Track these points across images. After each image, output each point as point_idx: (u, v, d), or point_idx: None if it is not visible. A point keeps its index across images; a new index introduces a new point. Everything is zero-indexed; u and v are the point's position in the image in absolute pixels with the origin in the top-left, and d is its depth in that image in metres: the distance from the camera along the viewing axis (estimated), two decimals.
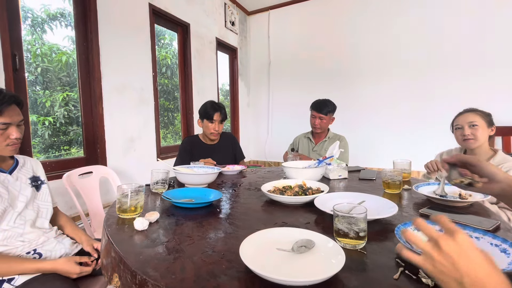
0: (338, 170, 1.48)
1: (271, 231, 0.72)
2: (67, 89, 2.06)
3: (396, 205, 0.88)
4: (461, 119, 1.41)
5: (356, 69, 3.59)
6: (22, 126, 1.03)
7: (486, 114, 1.39)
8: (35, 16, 1.86)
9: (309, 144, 2.31)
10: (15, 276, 0.94)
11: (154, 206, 1.05)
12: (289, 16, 4.00)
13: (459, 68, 3.04)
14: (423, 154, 2.33)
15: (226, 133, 2.15)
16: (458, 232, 0.42)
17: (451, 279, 0.41)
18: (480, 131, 1.35)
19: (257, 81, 4.38)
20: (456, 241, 0.42)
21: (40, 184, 1.15)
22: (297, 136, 2.45)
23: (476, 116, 1.37)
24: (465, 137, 1.38)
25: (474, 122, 1.36)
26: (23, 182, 1.08)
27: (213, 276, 0.56)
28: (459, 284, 0.40)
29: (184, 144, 1.99)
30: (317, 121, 2.18)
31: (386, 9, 3.37)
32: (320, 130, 2.22)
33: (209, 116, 1.90)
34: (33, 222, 1.06)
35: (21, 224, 1.01)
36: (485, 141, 1.38)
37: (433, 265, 0.43)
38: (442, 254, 0.42)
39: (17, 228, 1.00)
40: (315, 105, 2.20)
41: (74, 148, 2.11)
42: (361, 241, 0.67)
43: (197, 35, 3.20)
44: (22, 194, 1.05)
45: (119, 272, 0.65)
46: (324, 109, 2.15)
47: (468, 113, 1.40)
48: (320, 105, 2.17)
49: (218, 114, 1.90)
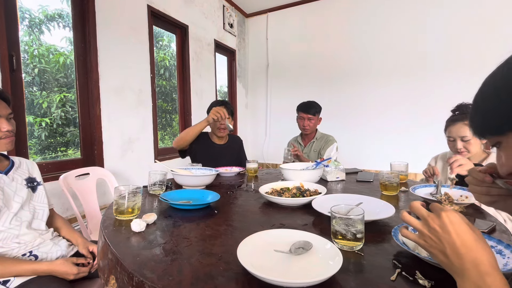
0: (335, 172, 1.48)
1: (269, 233, 0.72)
2: (64, 90, 2.05)
3: (393, 206, 0.89)
4: (453, 131, 1.39)
5: (354, 71, 3.61)
6: (12, 121, 1.03)
7: None
8: (32, 16, 1.86)
9: (299, 147, 2.34)
10: (10, 279, 0.93)
11: (151, 207, 1.05)
12: (288, 18, 4.02)
13: (456, 70, 3.06)
14: (420, 156, 2.35)
15: (235, 136, 2.15)
16: (443, 211, 0.48)
17: (438, 251, 0.47)
18: (472, 144, 1.35)
19: (255, 83, 4.39)
20: (440, 217, 0.48)
21: (36, 185, 1.14)
22: (290, 140, 2.49)
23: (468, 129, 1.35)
24: (458, 150, 1.39)
25: (466, 137, 1.34)
26: (19, 183, 1.07)
27: (210, 277, 0.56)
28: (443, 255, 0.46)
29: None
30: (306, 122, 2.22)
31: (383, 11, 3.40)
32: (310, 131, 2.25)
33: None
34: (29, 224, 1.05)
35: (17, 226, 1.01)
36: (478, 149, 1.39)
37: (425, 240, 0.50)
38: (430, 229, 0.49)
39: (13, 230, 0.99)
40: (302, 107, 2.24)
41: (71, 150, 2.10)
42: (359, 242, 0.67)
43: (196, 37, 3.21)
44: (17, 195, 1.04)
45: (116, 274, 0.64)
46: (312, 109, 2.20)
47: (460, 124, 1.37)
48: (307, 106, 2.22)
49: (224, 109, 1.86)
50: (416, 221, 0.52)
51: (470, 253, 0.43)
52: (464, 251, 0.44)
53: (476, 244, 0.44)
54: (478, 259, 0.43)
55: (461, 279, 0.44)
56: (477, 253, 0.43)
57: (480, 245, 0.44)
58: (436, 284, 0.53)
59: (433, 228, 0.48)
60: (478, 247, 0.44)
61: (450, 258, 0.45)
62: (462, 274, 0.44)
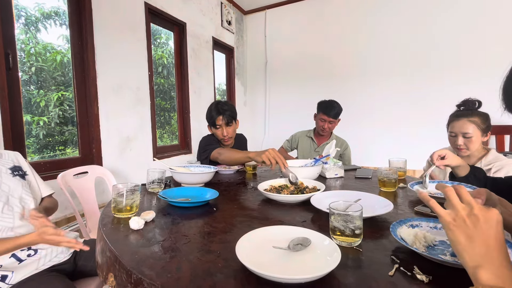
0: (334, 169, 1.48)
1: (267, 230, 0.72)
2: (62, 88, 2.04)
3: (392, 203, 0.89)
4: (456, 126, 1.38)
5: (352, 68, 3.61)
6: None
7: (483, 119, 1.34)
8: (29, 14, 1.84)
9: (311, 144, 2.27)
10: (8, 274, 0.92)
11: (150, 205, 1.05)
12: (286, 15, 4.00)
13: (455, 67, 3.06)
14: (419, 153, 2.35)
15: (240, 135, 2.02)
16: (493, 209, 0.48)
17: (464, 233, 0.47)
18: (473, 141, 1.34)
19: (253, 81, 4.38)
20: (489, 211, 0.48)
21: (23, 174, 1.12)
22: (296, 133, 2.38)
23: (471, 126, 1.33)
24: (458, 147, 1.39)
25: (469, 134, 1.33)
26: (3, 172, 1.06)
27: (209, 274, 0.56)
28: (469, 238, 0.46)
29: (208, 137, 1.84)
30: (327, 125, 2.10)
31: (382, 8, 3.39)
32: (327, 133, 2.19)
33: (213, 122, 1.75)
34: (21, 216, 1.04)
35: (10, 217, 0.99)
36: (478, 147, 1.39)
37: (454, 219, 0.49)
38: (470, 215, 0.48)
39: (6, 222, 0.98)
40: (324, 108, 2.07)
41: (69, 148, 2.10)
42: (357, 238, 0.67)
43: (194, 35, 3.19)
44: (4, 183, 1.03)
45: (114, 272, 0.64)
46: (334, 112, 2.06)
47: (464, 120, 1.35)
48: (330, 109, 2.05)
49: (221, 118, 1.72)
50: (458, 200, 0.51)
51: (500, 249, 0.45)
52: (495, 246, 0.45)
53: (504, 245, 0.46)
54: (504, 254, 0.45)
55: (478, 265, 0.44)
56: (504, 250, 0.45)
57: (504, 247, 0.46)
58: (434, 279, 0.53)
59: (475, 215, 0.47)
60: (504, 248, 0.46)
61: (475, 245, 0.46)
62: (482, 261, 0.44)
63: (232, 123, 1.77)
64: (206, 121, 1.83)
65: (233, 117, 1.77)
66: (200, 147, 1.82)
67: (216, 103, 1.77)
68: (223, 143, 1.80)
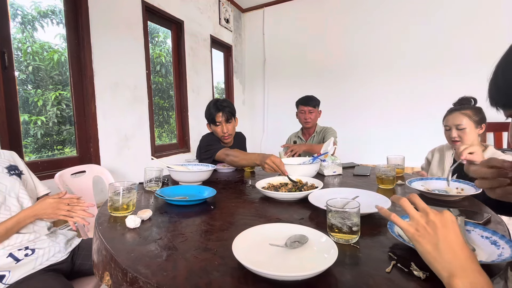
0: (332, 166, 1.48)
1: (264, 227, 0.72)
2: (60, 88, 2.03)
3: (390, 200, 0.88)
4: (450, 120, 1.40)
5: (351, 66, 3.60)
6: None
7: (475, 112, 1.36)
8: (25, 13, 1.83)
9: (300, 142, 2.33)
10: (6, 274, 0.92)
11: (147, 204, 1.04)
12: (284, 13, 3.99)
13: (452, 64, 3.06)
14: (417, 150, 2.35)
15: (240, 135, 2.02)
16: (445, 211, 0.52)
17: (430, 242, 0.50)
18: (467, 133, 1.35)
19: (252, 79, 4.37)
20: (443, 215, 0.51)
21: (19, 173, 1.11)
22: (289, 136, 2.47)
23: (464, 118, 1.35)
24: (452, 139, 1.40)
25: (461, 126, 1.35)
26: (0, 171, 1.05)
27: (205, 272, 0.56)
28: (435, 247, 0.49)
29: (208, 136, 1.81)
30: (307, 115, 2.23)
31: (380, 6, 3.38)
32: (311, 123, 2.25)
33: (212, 120, 1.73)
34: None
35: (7, 216, 0.98)
36: (474, 140, 1.39)
37: (417, 229, 0.52)
38: (428, 221, 0.51)
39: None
40: (301, 101, 2.26)
41: (67, 148, 2.09)
42: (354, 235, 0.67)
43: (191, 33, 3.18)
44: (1, 183, 1.02)
45: (110, 270, 0.64)
46: (311, 102, 2.21)
47: (457, 113, 1.38)
48: (306, 100, 2.24)
49: (220, 115, 1.71)
50: (414, 210, 0.54)
51: (464, 251, 0.47)
52: (459, 249, 0.47)
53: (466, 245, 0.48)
54: (471, 257, 0.47)
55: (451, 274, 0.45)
56: (468, 252, 0.47)
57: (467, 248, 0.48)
58: (431, 275, 0.53)
59: (432, 221, 0.50)
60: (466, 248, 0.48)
61: (442, 252, 0.48)
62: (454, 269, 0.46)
63: (231, 119, 1.77)
64: (205, 119, 1.82)
65: (232, 114, 1.76)
66: (201, 146, 1.80)
67: (215, 101, 1.77)
68: (223, 140, 1.79)
